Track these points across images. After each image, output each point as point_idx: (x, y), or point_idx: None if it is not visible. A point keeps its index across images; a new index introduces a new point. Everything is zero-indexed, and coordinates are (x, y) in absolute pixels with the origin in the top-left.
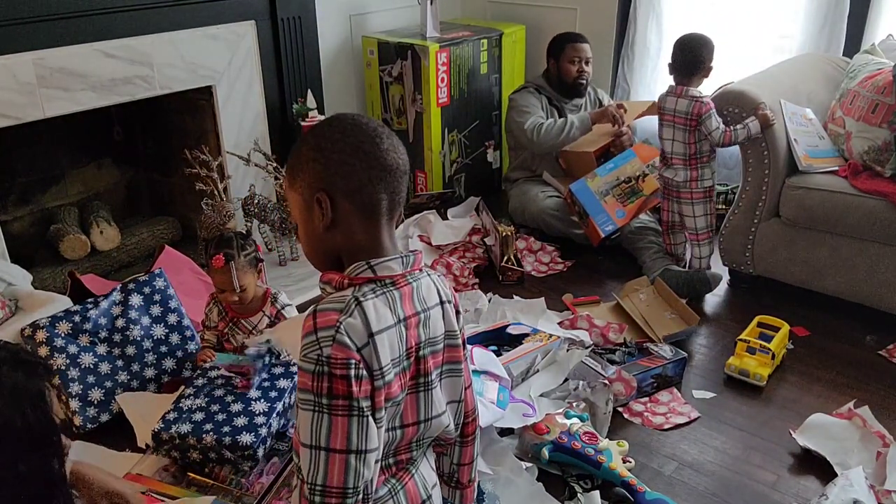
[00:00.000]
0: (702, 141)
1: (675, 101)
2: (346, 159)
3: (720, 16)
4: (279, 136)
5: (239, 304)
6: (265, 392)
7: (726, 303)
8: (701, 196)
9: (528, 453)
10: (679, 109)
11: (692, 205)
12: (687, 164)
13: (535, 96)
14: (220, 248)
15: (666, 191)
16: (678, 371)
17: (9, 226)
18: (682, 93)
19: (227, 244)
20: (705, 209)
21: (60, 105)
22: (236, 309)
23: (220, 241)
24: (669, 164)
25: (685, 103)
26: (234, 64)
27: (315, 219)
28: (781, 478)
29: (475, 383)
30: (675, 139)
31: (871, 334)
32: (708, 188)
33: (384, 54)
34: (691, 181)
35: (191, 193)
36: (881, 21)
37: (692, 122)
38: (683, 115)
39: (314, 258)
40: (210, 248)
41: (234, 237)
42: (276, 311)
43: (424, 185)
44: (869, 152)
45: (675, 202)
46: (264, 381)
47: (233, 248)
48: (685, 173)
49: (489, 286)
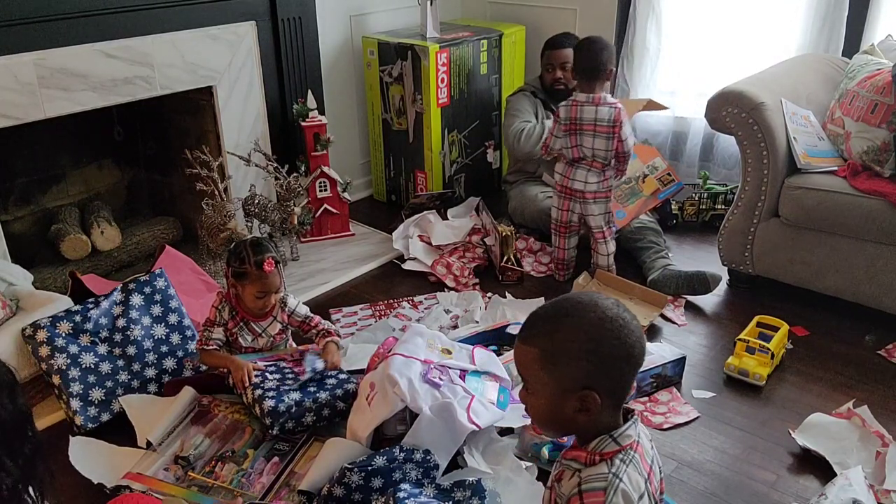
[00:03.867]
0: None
1: (595, 110)
2: (619, 365)
3: (720, 16)
4: (279, 137)
5: (271, 305)
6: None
7: (726, 303)
8: (604, 196)
9: (528, 453)
10: (601, 118)
11: (594, 204)
12: (604, 168)
13: (529, 100)
14: (263, 253)
15: (569, 192)
16: (677, 371)
17: (10, 226)
18: (600, 101)
19: (267, 248)
20: (607, 208)
21: (61, 105)
22: (250, 312)
23: (259, 246)
24: (589, 169)
25: (606, 110)
26: (235, 64)
27: (568, 407)
28: (781, 477)
29: (475, 383)
30: (595, 147)
31: (870, 334)
32: (610, 188)
33: (384, 55)
34: (603, 181)
35: (191, 193)
36: (880, 21)
37: (615, 129)
38: (606, 123)
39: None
40: (249, 255)
41: (263, 240)
42: (288, 316)
43: (424, 186)
44: (868, 152)
45: (580, 203)
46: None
47: (273, 249)
48: (600, 175)
49: (489, 286)
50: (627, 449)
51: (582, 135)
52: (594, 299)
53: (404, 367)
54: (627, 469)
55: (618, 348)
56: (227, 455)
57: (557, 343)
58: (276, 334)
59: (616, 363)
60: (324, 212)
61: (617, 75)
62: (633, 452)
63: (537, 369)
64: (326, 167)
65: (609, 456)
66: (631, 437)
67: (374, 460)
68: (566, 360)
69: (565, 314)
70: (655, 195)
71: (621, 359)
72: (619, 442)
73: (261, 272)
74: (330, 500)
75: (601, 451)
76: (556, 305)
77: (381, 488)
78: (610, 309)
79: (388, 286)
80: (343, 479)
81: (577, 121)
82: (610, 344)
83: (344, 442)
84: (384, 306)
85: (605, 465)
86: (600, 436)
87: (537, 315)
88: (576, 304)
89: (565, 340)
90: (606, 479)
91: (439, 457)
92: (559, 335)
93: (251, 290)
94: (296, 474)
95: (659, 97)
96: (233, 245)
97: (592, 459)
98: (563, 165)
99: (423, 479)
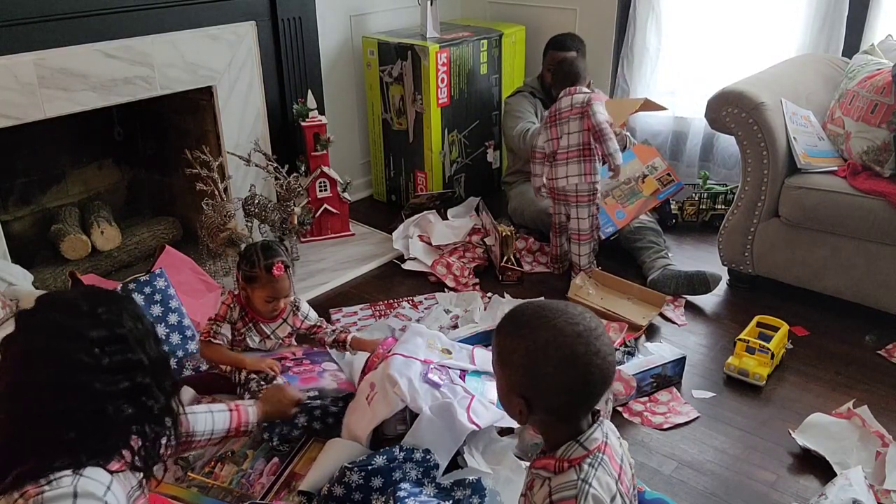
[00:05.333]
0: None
1: (571, 98)
2: (554, 392)
3: (720, 16)
4: (279, 137)
5: (281, 309)
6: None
7: (726, 303)
8: (587, 200)
9: (528, 453)
10: (575, 102)
11: (578, 207)
12: (581, 157)
13: (528, 100)
14: (273, 257)
15: (557, 195)
16: (677, 371)
17: (9, 226)
18: (576, 91)
19: (277, 252)
20: (591, 211)
21: (61, 105)
22: (260, 313)
23: (269, 251)
24: (567, 161)
25: (580, 97)
26: (235, 64)
27: (514, 404)
28: (781, 477)
29: (475, 383)
30: (570, 132)
31: (870, 334)
32: (596, 189)
33: (384, 55)
34: (585, 174)
35: (191, 193)
36: (880, 21)
37: (586, 109)
38: (580, 105)
39: (508, 414)
40: (259, 259)
41: (273, 244)
42: (301, 322)
43: (424, 185)
44: (868, 152)
45: (564, 205)
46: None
47: (283, 254)
48: (580, 167)
49: (489, 286)
50: (595, 452)
51: (560, 124)
52: (560, 321)
53: (404, 367)
54: (597, 473)
55: (552, 377)
56: (226, 455)
57: (506, 346)
58: (284, 336)
59: (549, 389)
60: (324, 212)
61: (617, 75)
62: (601, 455)
63: (495, 359)
64: (326, 167)
65: (577, 462)
66: (597, 440)
67: (374, 460)
68: (509, 364)
69: (524, 322)
70: (655, 195)
71: (556, 387)
72: (585, 446)
73: (270, 276)
74: (330, 499)
75: (569, 458)
76: (528, 309)
77: (381, 488)
78: (566, 336)
79: (388, 286)
80: (343, 478)
81: (556, 112)
82: (544, 370)
83: (344, 442)
84: (384, 306)
85: (574, 472)
86: (566, 442)
87: (513, 310)
88: (538, 317)
89: (509, 348)
90: (576, 487)
91: (439, 456)
92: (508, 339)
93: (261, 294)
94: (296, 475)
95: (659, 97)
96: (244, 248)
97: (561, 467)
98: (546, 168)
99: (423, 478)
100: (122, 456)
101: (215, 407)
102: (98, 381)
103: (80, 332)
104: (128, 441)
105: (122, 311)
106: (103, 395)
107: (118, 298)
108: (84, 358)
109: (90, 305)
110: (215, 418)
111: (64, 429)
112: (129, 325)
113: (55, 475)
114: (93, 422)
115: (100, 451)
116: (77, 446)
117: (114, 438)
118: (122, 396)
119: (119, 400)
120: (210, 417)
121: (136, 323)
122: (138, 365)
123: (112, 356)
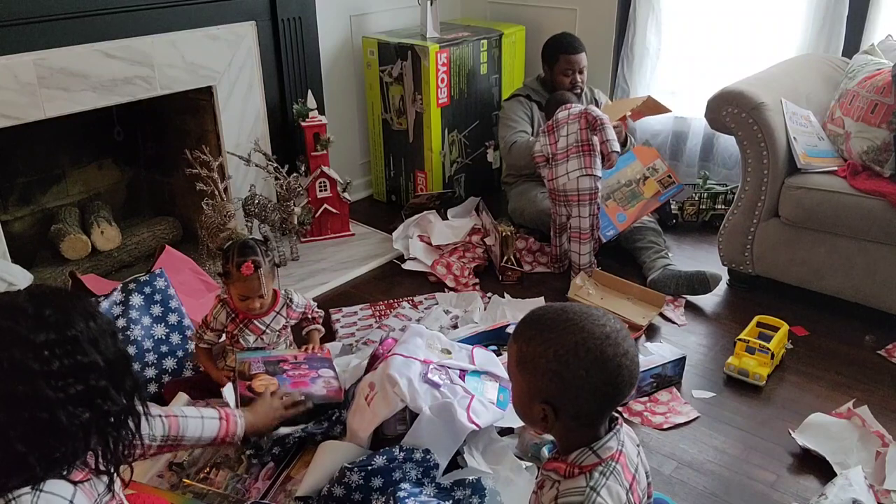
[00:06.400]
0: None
1: (568, 111)
2: (584, 395)
3: (720, 16)
4: (279, 137)
5: (259, 310)
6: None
7: (726, 303)
8: (588, 198)
9: (528, 453)
10: (573, 111)
11: (578, 206)
12: (581, 152)
13: (522, 106)
14: (247, 256)
15: (558, 196)
16: (677, 371)
17: (9, 226)
18: (571, 106)
19: (252, 251)
20: (591, 210)
21: (61, 105)
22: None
23: (244, 249)
24: (567, 159)
25: (578, 108)
26: (235, 64)
27: (534, 411)
28: (781, 477)
29: (475, 383)
30: (569, 132)
31: (870, 334)
32: (598, 187)
33: (384, 55)
34: (586, 168)
35: (191, 193)
36: (880, 21)
37: (584, 113)
38: (577, 112)
39: (523, 421)
40: (233, 256)
41: (255, 243)
42: (297, 315)
43: (424, 185)
44: (868, 152)
45: (565, 205)
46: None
47: (258, 254)
48: (580, 160)
49: (489, 286)
50: (609, 461)
51: (558, 129)
52: (586, 323)
53: (404, 367)
54: (607, 482)
55: (584, 380)
56: (221, 461)
57: (530, 351)
58: (280, 328)
59: (580, 393)
60: (324, 212)
61: (617, 75)
62: (614, 464)
63: (514, 365)
64: (326, 167)
65: (588, 469)
66: (612, 449)
67: (374, 460)
68: (533, 370)
69: (549, 326)
70: (656, 197)
71: (587, 390)
72: (599, 454)
73: (239, 274)
74: (330, 499)
75: (580, 464)
76: (550, 312)
77: (381, 488)
78: (596, 339)
79: (388, 286)
80: (343, 478)
81: (554, 121)
82: (576, 374)
83: (337, 444)
84: (384, 306)
85: (584, 479)
86: (580, 447)
87: (532, 314)
88: (564, 320)
89: (536, 352)
90: (583, 494)
91: (439, 456)
92: (533, 344)
93: (234, 292)
94: (292, 479)
95: (659, 97)
96: (227, 244)
97: (571, 472)
98: (546, 170)
99: (423, 478)
100: (85, 464)
101: (207, 413)
102: (48, 388)
103: (26, 336)
104: (87, 447)
105: (71, 310)
106: (55, 402)
107: (68, 297)
108: (32, 364)
109: (36, 307)
110: (205, 425)
111: (13, 442)
112: (80, 326)
113: (13, 494)
114: (45, 431)
115: (57, 462)
116: (30, 459)
117: (71, 446)
118: (75, 401)
119: (73, 405)
120: (200, 423)
121: (89, 322)
122: (92, 366)
123: (62, 359)
